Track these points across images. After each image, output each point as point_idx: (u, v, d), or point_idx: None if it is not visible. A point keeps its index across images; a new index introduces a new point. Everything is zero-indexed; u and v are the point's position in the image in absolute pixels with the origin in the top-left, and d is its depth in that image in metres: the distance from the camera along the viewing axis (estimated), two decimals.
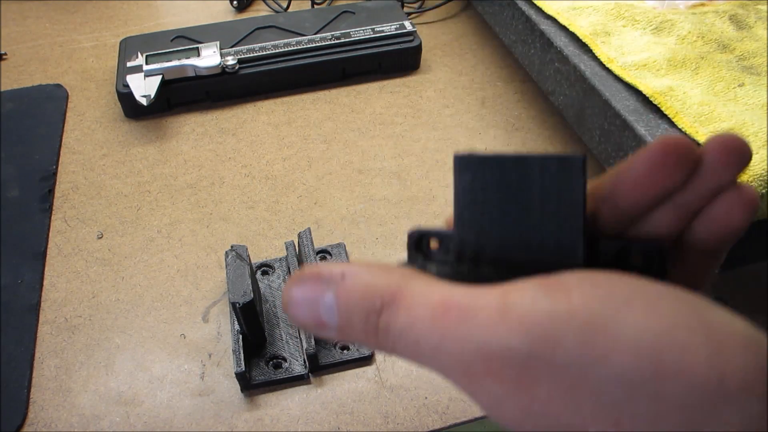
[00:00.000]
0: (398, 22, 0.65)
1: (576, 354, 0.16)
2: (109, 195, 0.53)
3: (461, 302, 0.17)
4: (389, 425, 0.38)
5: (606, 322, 0.16)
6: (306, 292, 0.20)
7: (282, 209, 0.51)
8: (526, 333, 0.16)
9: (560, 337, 0.16)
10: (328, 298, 0.19)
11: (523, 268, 0.19)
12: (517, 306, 0.16)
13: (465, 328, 0.17)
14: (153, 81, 0.58)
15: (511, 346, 0.16)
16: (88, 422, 0.39)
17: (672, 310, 0.16)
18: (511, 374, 0.17)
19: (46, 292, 0.46)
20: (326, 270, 0.20)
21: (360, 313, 0.19)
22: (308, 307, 0.20)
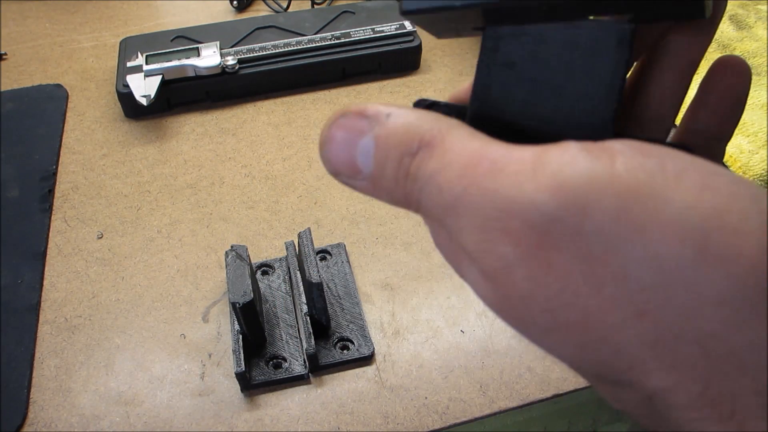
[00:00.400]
0: (398, 22, 0.65)
1: (609, 224, 0.14)
2: (109, 195, 0.53)
3: (495, 155, 0.16)
4: (389, 425, 0.38)
5: (651, 192, 0.14)
6: (347, 129, 0.18)
7: (282, 209, 0.51)
8: (556, 191, 0.14)
9: (594, 202, 0.14)
10: (367, 141, 0.18)
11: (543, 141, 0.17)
12: (553, 163, 0.14)
13: (492, 179, 0.15)
14: (153, 81, 0.58)
15: (537, 204, 0.14)
16: (88, 422, 0.39)
17: (728, 190, 0.14)
18: (530, 236, 0.15)
19: (46, 292, 0.46)
20: (372, 108, 0.18)
21: (395, 156, 0.17)
22: (346, 147, 0.18)
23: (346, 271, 0.46)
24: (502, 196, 0.15)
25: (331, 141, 0.18)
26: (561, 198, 0.14)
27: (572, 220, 0.14)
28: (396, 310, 0.44)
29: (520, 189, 0.14)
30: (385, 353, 0.41)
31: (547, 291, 0.15)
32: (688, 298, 0.13)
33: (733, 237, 0.13)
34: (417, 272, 0.46)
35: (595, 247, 0.14)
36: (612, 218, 0.14)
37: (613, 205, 0.14)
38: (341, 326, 0.42)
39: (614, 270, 0.14)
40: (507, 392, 0.39)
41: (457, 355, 0.41)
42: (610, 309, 0.14)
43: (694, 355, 0.14)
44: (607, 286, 0.14)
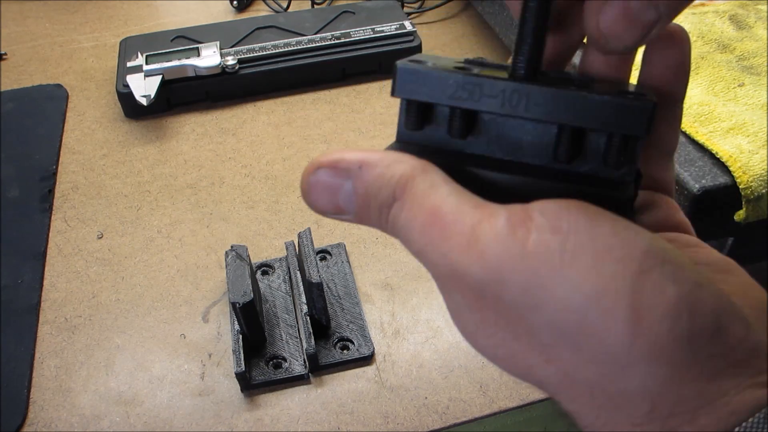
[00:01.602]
0: (398, 22, 0.65)
1: (519, 296, 0.18)
2: (109, 195, 0.53)
3: (445, 217, 0.19)
4: (389, 425, 0.38)
5: (549, 273, 0.17)
6: (325, 183, 0.21)
7: (282, 209, 0.51)
8: (482, 267, 0.18)
9: (508, 279, 0.18)
10: (347, 188, 0.21)
11: None
12: (482, 239, 0.18)
13: (441, 245, 0.19)
14: (153, 81, 0.58)
15: (471, 274, 0.18)
16: (88, 422, 0.39)
17: (610, 272, 0.17)
18: (470, 294, 0.19)
19: (46, 292, 0.46)
20: (343, 161, 0.21)
21: (375, 206, 0.21)
22: (327, 194, 0.21)
23: (346, 271, 0.46)
24: (449, 260, 0.19)
25: (312, 191, 0.21)
26: (485, 271, 0.18)
27: (495, 289, 0.18)
28: (396, 310, 0.44)
29: (460, 258, 0.18)
30: (385, 353, 0.41)
31: (485, 333, 0.19)
32: (574, 356, 0.18)
33: (604, 316, 0.17)
34: (417, 272, 0.46)
35: (512, 311, 0.18)
36: (521, 292, 0.18)
37: (522, 282, 0.18)
38: (341, 326, 0.42)
39: (526, 328, 0.18)
40: (507, 392, 0.39)
41: (457, 355, 0.41)
42: (528, 354, 0.19)
43: (585, 394, 0.18)
44: (522, 339, 0.19)
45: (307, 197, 0.21)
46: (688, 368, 0.17)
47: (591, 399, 0.18)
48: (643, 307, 0.17)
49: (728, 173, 0.41)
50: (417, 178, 0.20)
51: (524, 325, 0.18)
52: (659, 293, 0.17)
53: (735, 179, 0.41)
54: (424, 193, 0.20)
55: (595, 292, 0.17)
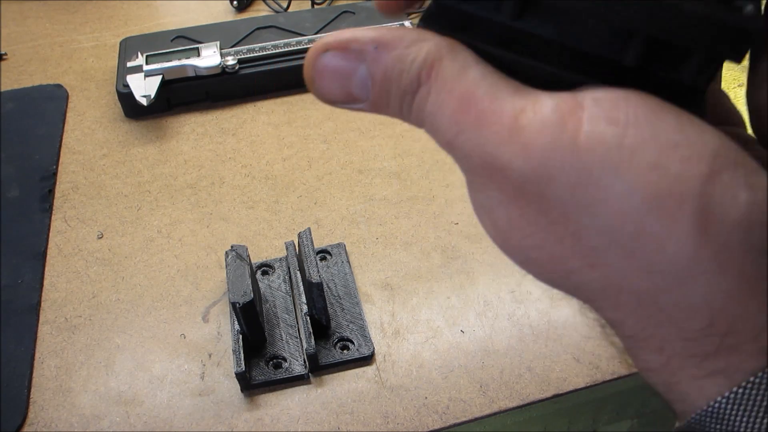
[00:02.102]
0: (398, 22, 0.65)
1: (567, 194, 0.16)
2: (109, 195, 0.53)
3: (481, 102, 0.17)
4: (389, 425, 0.38)
5: (603, 169, 0.15)
6: (335, 67, 0.18)
7: (282, 209, 0.51)
8: (527, 159, 0.16)
9: (556, 173, 0.16)
10: (361, 72, 0.18)
11: None
12: (526, 129, 0.16)
13: (477, 132, 0.17)
14: (153, 81, 0.58)
15: (512, 167, 0.16)
16: (88, 422, 0.39)
17: (674, 173, 0.15)
18: (508, 188, 0.17)
19: (46, 292, 0.46)
20: (355, 40, 0.18)
21: (397, 93, 0.18)
22: (338, 80, 0.18)
23: (346, 271, 0.46)
24: (485, 151, 0.17)
25: (320, 77, 0.18)
26: (530, 166, 0.16)
27: (539, 185, 0.16)
28: (396, 310, 0.44)
29: (499, 149, 0.16)
30: (385, 353, 0.41)
31: (521, 233, 0.18)
32: (625, 262, 0.16)
33: (666, 222, 0.15)
34: (417, 272, 0.46)
35: (557, 209, 0.16)
36: (569, 190, 0.16)
37: (572, 179, 0.16)
38: (341, 326, 0.42)
39: (572, 230, 0.17)
40: (507, 392, 0.39)
41: (457, 355, 0.41)
42: (569, 258, 0.17)
43: (631, 303, 0.17)
44: (565, 241, 0.17)
45: (314, 85, 0.19)
46: (757, 282, 0.15)
47: (637, 309, 0.17)
48: (711, 213, 0.15)
49: None
50: (445, 59, 0.17)
51: (570, 226, 0.16)
52: (731, 199, 0.15)
53: None
54: (455, 75, 0.17)
55: (656, 193, 0.15)
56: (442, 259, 0.47)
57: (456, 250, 0.47)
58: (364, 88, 0.18)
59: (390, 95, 0.18)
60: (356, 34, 0.18)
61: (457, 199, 0.51)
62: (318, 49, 0.18)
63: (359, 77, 0.18)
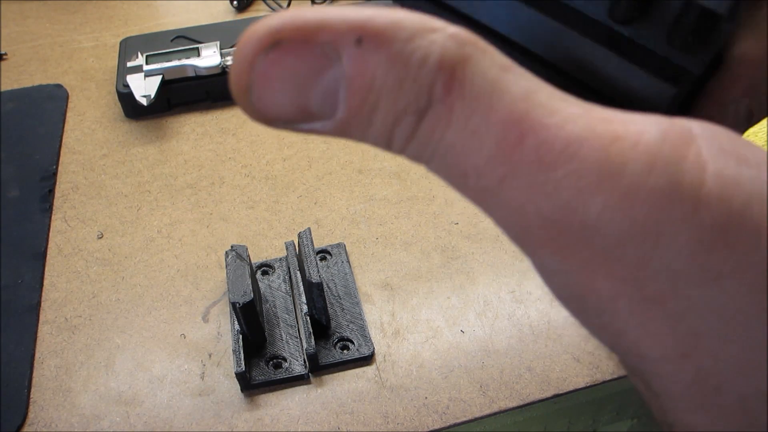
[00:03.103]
0: None
1: (683, 263, 0.11)
2: (109, 195, 0.53)
3: (544, 128, 0.11)
4: (389, 425, 0.38)
5: (744, 230, 0.11)
6: (291, 64, 0.12)
7: (282, 209, 0.51)
8: (628, 212, 0.11)
9: (671, 234, 0.11)
10: (330, 77, 0.12)
11: None
12: (627, 168, 0.11)
13: (541, 178, 0.11)
14: (153, 81, 0.58)
15: (607, 225, 0.11)
16: (88, 422, 0.39)
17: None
18: (596, 254, 0.12)
19: (46, 292, 0.46)
20: (325, 28, 0.11)
21: (390, 110, 0.12)
22: (292, 88, 0.12)
23: (346, 271, 0.46)
24: (557, 204, 0.11)
25: (263, 84, 0.12)
26: (631, 224, 0.11)
27: (640, 250, 0.11)
28: (396, 310, 0.44)
29: (583, 200, 0.11)
30: (385, 353, 0.41)
31: (608, 310, 0.13)
32: (745, 359, 0.11)
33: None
34: (417, 272, 0.46)
35: (659, 283, 0.12)
36: (688, 258, 0.11)
37: (693, 243, 0.11)
38: (341, 326, 0.42)
39: (671, 307, 0.12)
40: (507, 392, 0.39)
41: (457, 355, 0.41)
42: (656, 342, 0.12)
43: (731, 408, 0.12)
44: (656, 320, 0.12)
45: (251, 95, 0.12)
46: None
47: (735, 415, 0.12)
48: None
49: None
50: (473, 59, 0.11)
51: (671, 304, 0.12)
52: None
53: None
54: (494, 86, 0.11)
55: None
56: (442, 259, 0.47)
57: (456, 250, 0.47)
58: (330, 101, 0.12)
59: (375, 114, 0.12)
60: (327, 17, 0.11)
61: (457, 199, 0.51)
62: (261, 41, 0.12)
63: (326, 84, 0.12)
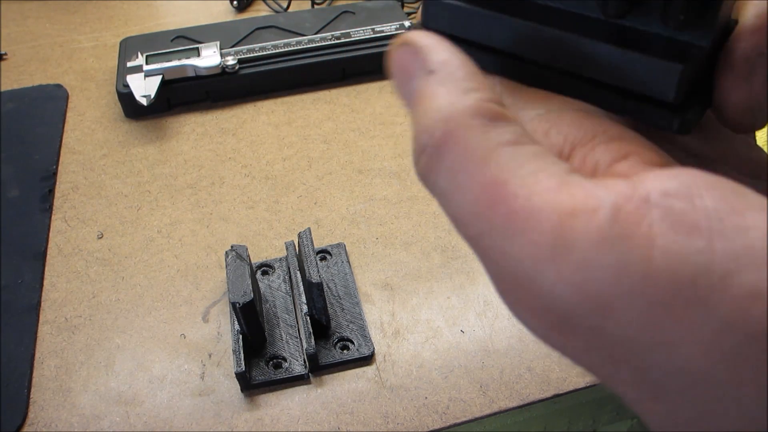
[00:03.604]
0: (398, 22, 0.65)
1: (634, 332, 0.12)
2: (109, 195, 0.53)
3: (514, 198, 0.13)
4: (389, 425, 0.38)
5: (689, 301, 0.12)
6: (402, 62, 0.17)
7: (282, 209, 0.51)
8: (578, 289, 0.12)
9: (621, 308, 0.12)
10: (411, 89, 0.16)
11: None
12: (577, 245, 0.12)
13: (507, 242, 0.13)
14: (153, 81, 0.58)
15: (555, 296, 0.13)
16: (88, 422, 0.39)
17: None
18: (547, 316, 0.13)
19: (46, 292, 0.46)
20: (423, 51, 0.16)
21: (417, 140, 0.15)
22: (402, 76, 0.17)
23: (346, 271, 0.46)
24: (518, 269, 0.13)
25: (392, 63, 0.17)
26: (582, 297, 0.12)
27: (592, 320, 0.13)
28: (396, 310, 0.44)
29: (539, 269, 0.13)
30: (385, 353, 0.41)
31: (567, 353, 0.14)
32: (710, 408, 0.12)
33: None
34: (417, 272, 0.46)
35: (616, 347, 0.13)
36: (639, 328, 0.12)
37: (643, 316, 0.12)
38: (341, 326, 0.42)
39: (634, 367, 0.13)
40: (507, 392, 0.39)
41: (457, 355, 0.41)
42: (627, 388, 0.14)
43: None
44: (624, 374, 0.13)
45: (389, 65, 0.17)
46: None
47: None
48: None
49: None
50: (476, 122, 0.14)
51: (632, 364, 0.13)
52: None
53: None
54: (482, 148, 0.14)
55: (757, 333, 0.11)
56: (442, 259, 0.47)
57: (456, 250, 0.47)
58: (409, 104, 0.16)
59: (415, 138, 0.15)
60: (429, 43, 0.16)
61: None
62: (402, 38, 0.17)
63: (410, 89, 0.16)
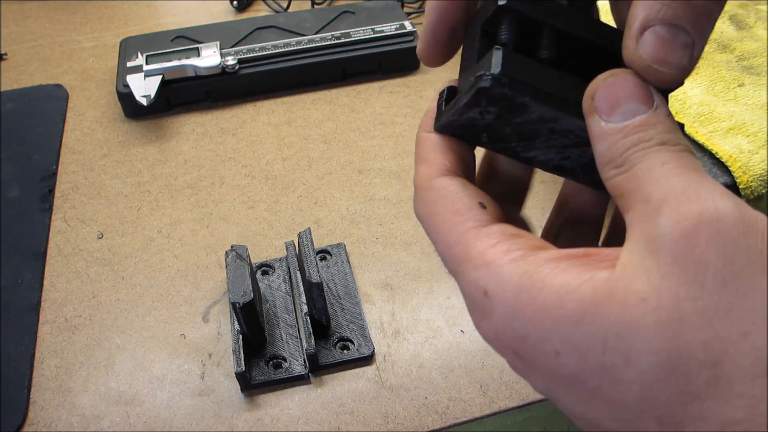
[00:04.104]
0: (398, 22, 0.65)
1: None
2: (109, 195, 0.53)
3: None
4: (389, 425, 0.38)
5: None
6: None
7: (282, 209, 0.51)
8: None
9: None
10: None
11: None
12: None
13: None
14: (153, 81, 0.58)
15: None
16: (88, 422, 0.39)
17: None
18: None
19: (46, 292, 0.46)
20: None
21: None
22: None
23: (346, 271, 0.46)
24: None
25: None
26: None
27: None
28: (396, 310, 0.44)
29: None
30: (385, 353, 0.41)
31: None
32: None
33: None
34: (417, 272, 0.46)
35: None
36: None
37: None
38: (341, 326, 0.42)
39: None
40: (507, 392, 0.39)
41: (457, 355, 0.41)
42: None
43: None
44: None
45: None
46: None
47: None
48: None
49: (728, 173, 0.41)
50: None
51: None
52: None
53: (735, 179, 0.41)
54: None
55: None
56: None
57: None
58: None
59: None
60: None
61: None
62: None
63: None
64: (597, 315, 0.16)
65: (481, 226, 0.20)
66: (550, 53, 0.21)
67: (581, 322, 0.16)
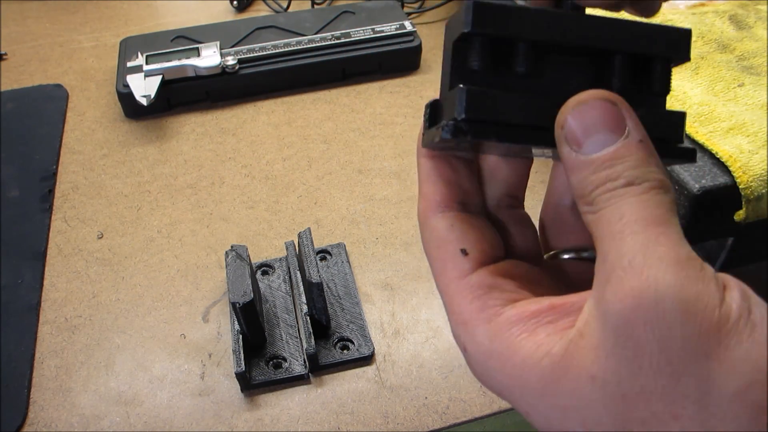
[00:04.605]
0: (398, 22, 0.65)
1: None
2: (109, 195, 0.53)
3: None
4: (389, 425, 0.38)
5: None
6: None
7: (282, 209, 0.51)
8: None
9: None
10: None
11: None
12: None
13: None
14: (153, 81, 0.58)
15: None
16: (88, 422, 0.39)
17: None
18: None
19: (46, 292, 0.46)
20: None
21: None
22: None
23: (346, 271, 0.46)
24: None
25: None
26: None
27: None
28: (396, 310, 0.44)
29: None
30: (385, 353, 0.41)
31: None
32: None
33: None
34: (417, 272, 0.46)
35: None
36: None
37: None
38: (341, 326, 0.42)
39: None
40: None
41: (457, 355, 0.41)
42: None
43: None
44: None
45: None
46: None
47: None
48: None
49: (728, 173, 0.41)
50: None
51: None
52: None
53: (735, 179, 0.41)
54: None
55: None
56: None
57: None
58: None
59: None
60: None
61: None
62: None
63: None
64: (556, 391, 0.18)
65: (461, 277, 0.21)
66: (526, 68, 0.20)
67: (544, 395, 0.18)
